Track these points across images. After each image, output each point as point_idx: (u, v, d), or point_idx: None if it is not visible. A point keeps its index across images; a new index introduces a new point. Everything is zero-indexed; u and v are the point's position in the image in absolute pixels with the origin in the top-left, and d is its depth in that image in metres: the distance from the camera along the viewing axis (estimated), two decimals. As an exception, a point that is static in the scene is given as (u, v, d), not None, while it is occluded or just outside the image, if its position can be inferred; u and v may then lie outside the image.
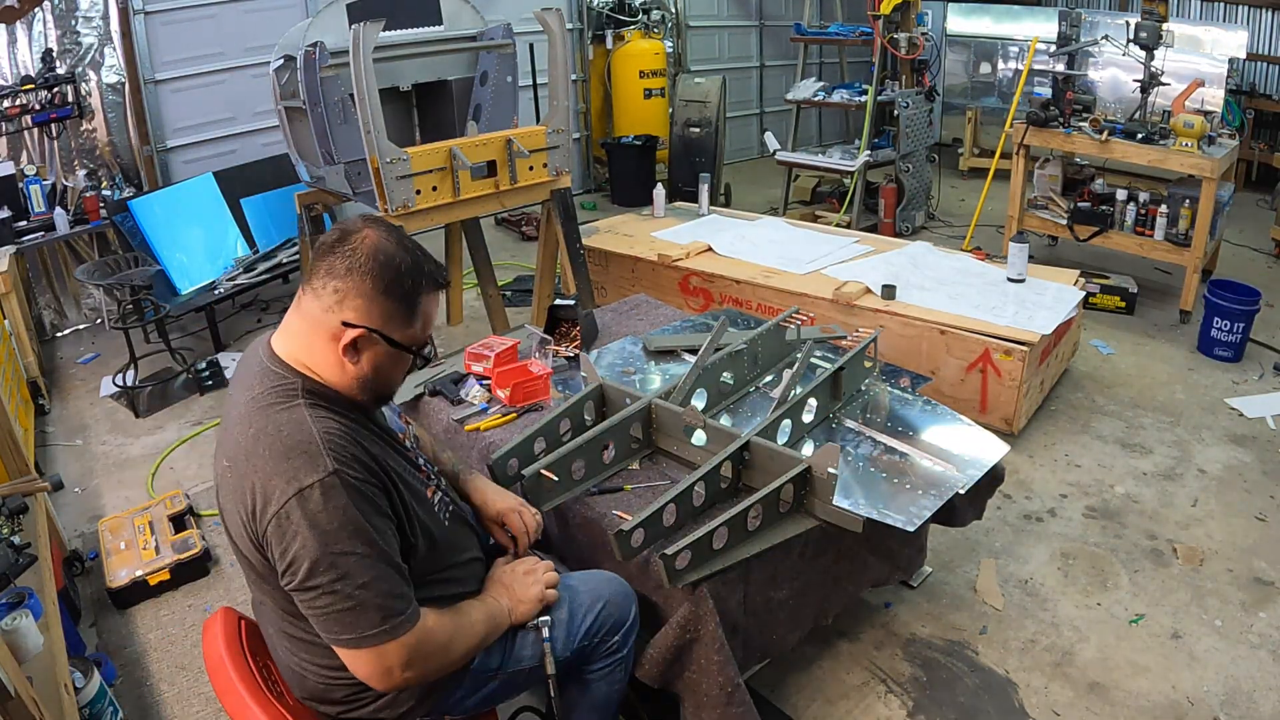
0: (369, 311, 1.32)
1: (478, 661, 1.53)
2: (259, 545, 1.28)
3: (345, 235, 1.34)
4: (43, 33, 4.67)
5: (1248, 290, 4.09)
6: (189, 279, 4.68)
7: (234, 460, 1.29)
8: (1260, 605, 2.55)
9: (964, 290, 3.71)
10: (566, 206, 3.67)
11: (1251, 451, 3.36)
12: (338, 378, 1.36)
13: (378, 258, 1.31)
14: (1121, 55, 4.77)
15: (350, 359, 1.34)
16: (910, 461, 2.07)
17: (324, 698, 1.45)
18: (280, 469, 1.24)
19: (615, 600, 1.70)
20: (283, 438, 1.26)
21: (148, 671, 2.43)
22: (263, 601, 1.45)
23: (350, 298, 1.31)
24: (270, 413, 1.30)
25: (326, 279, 1.32)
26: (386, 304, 1.33)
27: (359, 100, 2.99)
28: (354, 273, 1.31)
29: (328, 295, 1.32)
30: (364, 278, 1.31)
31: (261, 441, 1.27)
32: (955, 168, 7.89)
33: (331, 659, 1.38)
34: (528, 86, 6.31)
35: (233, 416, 1.36)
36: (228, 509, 1.32)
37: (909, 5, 5.75)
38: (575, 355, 2.58)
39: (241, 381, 1.41)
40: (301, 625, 1.37)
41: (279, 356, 1.37)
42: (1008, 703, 2.24)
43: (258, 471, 1.25)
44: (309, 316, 1.35)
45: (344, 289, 1.31)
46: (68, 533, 3.03)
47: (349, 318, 1.32)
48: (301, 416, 1.29)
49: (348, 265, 1.31)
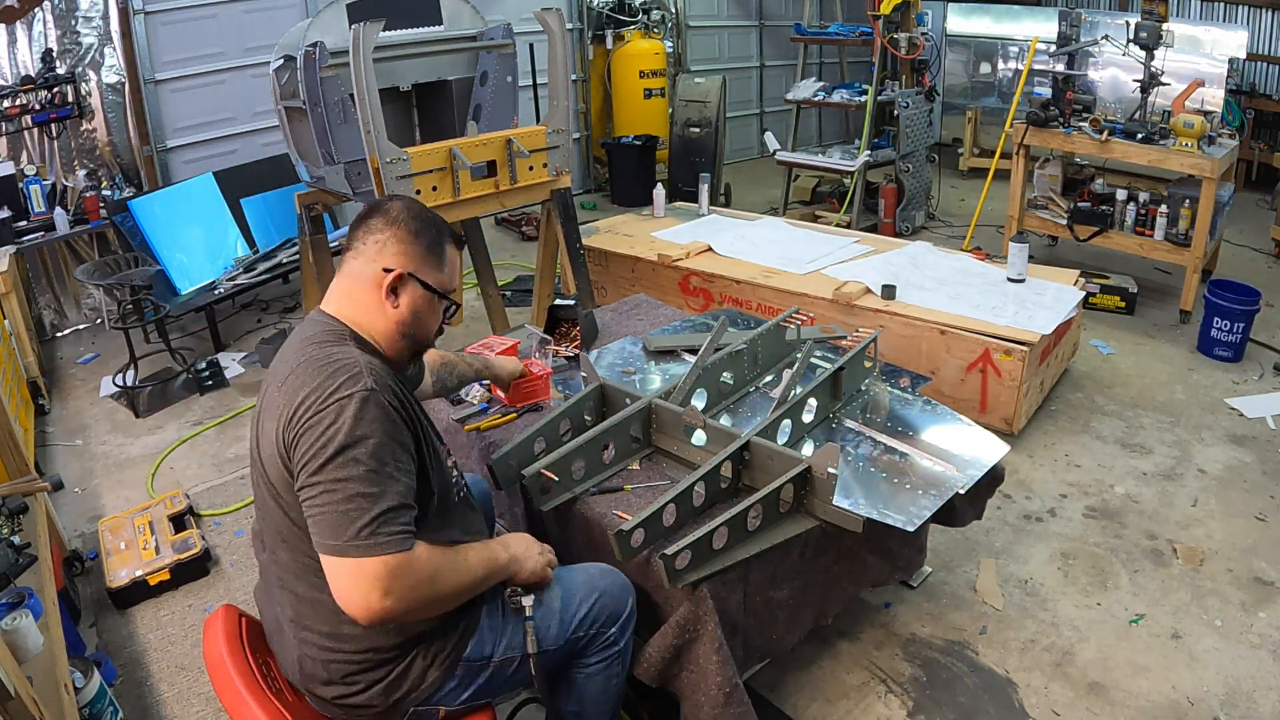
0: (406, 256, 1.50)
1: (471, 649, 1.53)
2: (287, 450, 1.35)
3: (379, 204, 1.55)
4: (43, 33, 4.68)
5: (1248, 290, 4.09)
6: (189, 279, 4.68)
7: (284, 382, 1.40)
8: (1260, 605, 2.56)
9: (964, 290, 3.71)
10: (566, 206, 3.67)
11: (1251, 451, 3.36)
12: (380, 324, 1.51)
13: (409, 210, 1.54)
14: (1121, 55, 4.77)
15: (391, 302, 1.50)
16: (910, 461, 2.07)
17: (323, 677, 1.46)
18: (324, 382, 1.35)
19: (611, 592, 1.71)
20: (331, 360, 1.39)
21: (148, 671, 2.43)
22: (274, 550, 1.48)
23: (389, 244, 1.50)
24: (322, 346, 1.43)
25: (366, 235, 1.52)
26: (418, 248, 1.51)
27: (359, 100, 2.99)
28: (391, 224, 1.51)
29: (370, 248, 1.51)
30: (399, 226, 1.51)
31: (311, 364, 1.39)
32: (955, 168, 7.90)
33: (332, 622, 1.42)
34: (528, 86, 6.31)
35: (282, 356, 1.49)
36: (265, 428, 1.40)
37: (909, 5, 5.75)
38: (575, 355, 2.58)
39: (293, 340, 1.53)
40: (308, 578, 1.42)
41: (327, 312, 1.53)
42: (1008, 703, 2.24)
43: (304, 384, 1.37)
44: (351, 273, 1.52)
45: (383, 239, 1.50)
46: (68, 533, 3.03)
47: (389, 263, 1.50)
48: (350, 350, 1.43)
49: (384, 220, 1.51)
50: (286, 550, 1.45)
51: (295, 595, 1.47)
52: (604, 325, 2.95)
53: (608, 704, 1.74)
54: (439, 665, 1.50)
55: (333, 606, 1.35)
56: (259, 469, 1.45)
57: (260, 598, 1.64)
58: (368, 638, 1.44)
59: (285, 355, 1.48)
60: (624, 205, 6.86)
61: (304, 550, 1.39)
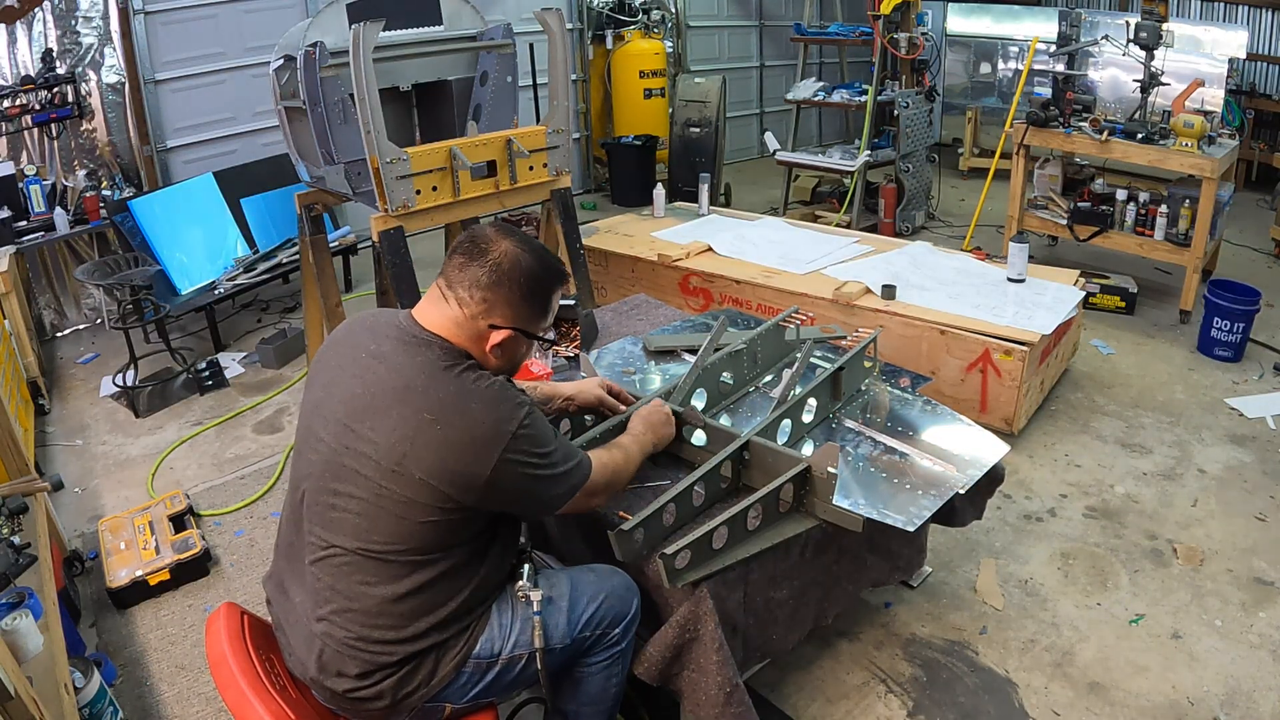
0: (514, 317, 1.51)
1: (480, 646, 1.56)
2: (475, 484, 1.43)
3: (483, 247, 1.50)
4: (43, 33, 4.67)
5: (1248, 290, 4.09)
6: (189, 279, 4.68)
7: (439, 414, 1.42)
8: (1260, 605, 2.55)
9: (964, 290, 3.71)
10: (566, 206, 3.67)
11: (1251, 451, 3.36)
12: (479, 357, 1.53)
13: (519, 270, 1.50)
14: (1121, 55, 4.77)
15: (494, 355, 1.53)
16: (910, 461, 2.07)
17: (336, 670, 1.48)
18: (500, 413, 1.45)
19: (617, 593, 1.73)
20: (485, 389, 1.46)
21: (148, 671, 2.43)
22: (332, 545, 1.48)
23: (498, 306, 1.50)
24: (458, 373, 1.47)
25: (473, 290, 1.49)
26: (527, 308, 1.53)
27: (359, 100, 2.98)
28: (500, 285, 1.49)
29: (474, 305, 1.49)
30: (511, 289, 1.49)
31: (469, 397, 1.44)
32: (955, 168, 7.89)
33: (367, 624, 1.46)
34: (528, 86, 6.31)
35: (394, 371, 1.47)
36: (423, 457, 1.42)
37: (909, 5, 5.75)
38: (575, 355, 2.58)
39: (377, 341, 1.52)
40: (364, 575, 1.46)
41: (433, 331, 1.50)
42: (1008, 703, 2.24)
43: (478, 421, 1.43)
44: (453, 319, 1.51)
45: (491, 299, 1.49)
46: (68, 533, 3.03)
47: (496, 322, 1.50)
48: (483, 373, 1.49)
49: (493, 279, 1.48)
50: (358, 545, 1.46)
51: (336, 591, 1.48)
52: (604, 325, 2.95)
53: (607, 703, 1.75)
54: (450, 661, 1.53)
55: (373, 608, 1.46)
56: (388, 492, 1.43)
57: (273, 588, 1.64)
58: (395, 637, 1.47)
59: (400, 373, 1.47)
60: (624, 205, 6.86)
61: (383, 553, 1.45)
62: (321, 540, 1.50)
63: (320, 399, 1.55)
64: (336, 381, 1.53)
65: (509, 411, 1.46)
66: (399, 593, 1.46)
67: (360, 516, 1.45)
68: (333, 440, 1.48)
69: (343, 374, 1.53)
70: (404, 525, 1.44)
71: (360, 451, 1.45)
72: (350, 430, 1.46)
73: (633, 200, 6.78)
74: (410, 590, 1.47)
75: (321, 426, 1.51)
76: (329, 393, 1.53)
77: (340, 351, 1.57)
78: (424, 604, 1.49)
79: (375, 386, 1.47)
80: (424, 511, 1.43)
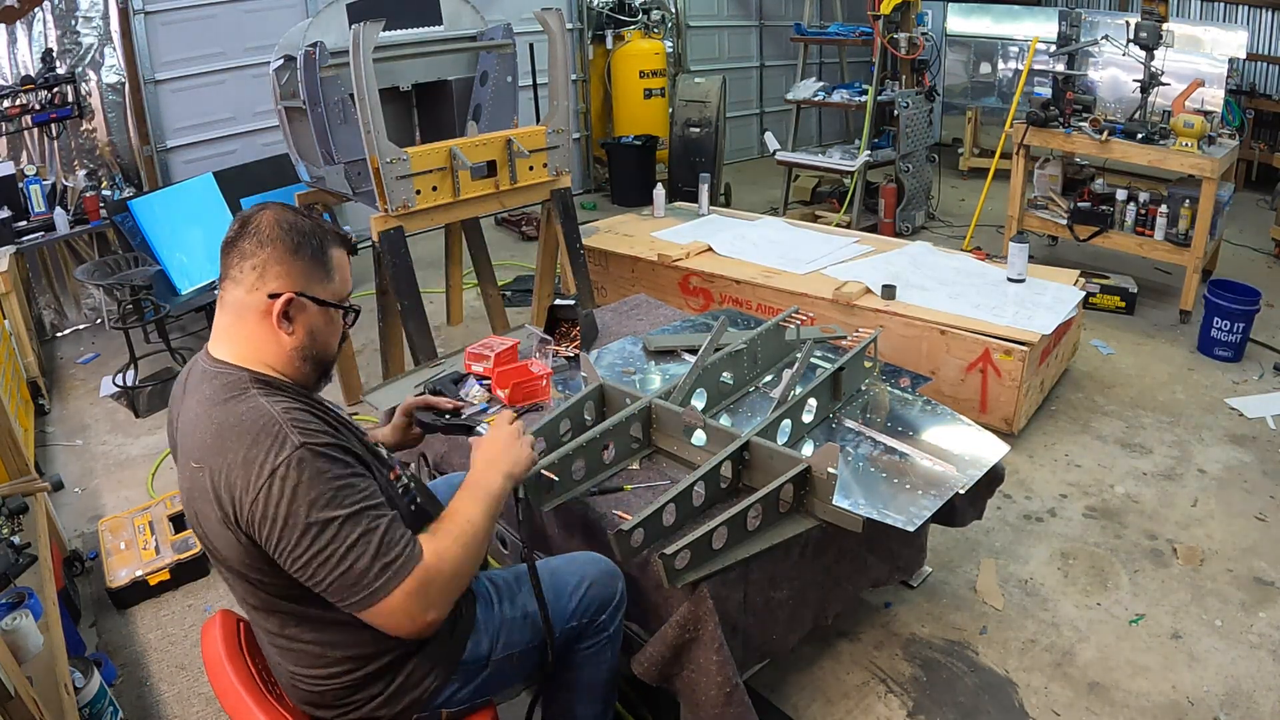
0: (290, 276, 1.37)
1: (469, 652, 1.54)
2: (244, 534, 1.27)
3: (245, 221, 1.39)
4: (43, 33, 4.67)
5: (1248, 290, 4.09)
6: (189, 279, 4.68)
7: (202, 459, 1.29)
8: (1260, 605, 2.55)
9: (964, 290, 3.71)
10: (566, 206, 3.67)
11: (1251, 451, 3.36)
12: (277, 355, 1.39)
13: (281, 225, 1.38)
14: (1121, 55, 4.77)
15: (285, 329, 1.38)
16: (910, 461, 2.07)
17: (319, 703, 1.46)
18: (251, 455, 1.25)
19: (600, 580, 1.72)
20: (245, 425, 1.27)
21: (148, 671, 2.43)
22: (254, 607, 1.43)
23: (269, 268, 1.36)
24: (227, 406, 1.31)
25: (241, 261, 1.37)
26: (301, 264, 1.38)
27: (359, 100, 2.99)
28: (265, 245, 1.36)
29: (248, 276, 1.36)
30: (275, 245, 1.37)
31: (226, 434, 1.27)
32: (955, 168, 7.89)
33: (318, 664, 1.41)
34: (528, 86, 6.31)
35: (186, 421, 1.36)
36: (202, 511, 1.30)
37: (909, 5, 5.75)
38: (575, 355, 2.58)
39: (186, 393, 1.41)
40: (288, 632, 1.40)
41: (218, 359, 1.39)
42: (1008, 703, 2.24)
43: (229, 463, 1.26)
44: (234, 307, 1.38)
45: (260, 263, 1.36)
46: (68, 533, 3.03)
47: (273, 288, 1.36)
48: (257, 403, 1.30)
49: (257, 241, 1.37)
50: (259, 614, 1.43)
51: (277, 648, 1.45)
52: (604, 325, 2.95)
53: (600, 689, 1.76)
54: (437, 673, 1.50)
55: (314, 650, 1.39)
56: (213, 550, 1.35)
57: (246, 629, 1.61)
58: (355, 662, 1.43)
59: (188, 423, 1.34)
60: (624, 205, 6.86)
61: (277, 610, 1.39)
62: (249, 613, 1.47)
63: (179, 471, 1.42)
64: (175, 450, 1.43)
65: (266, 448, 1.24)
66: (326, 631, 1.40)
67: (231, 580, 1.39)
68: (197, 531, 1.38)
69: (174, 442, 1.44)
70: (253, 574, 1.33)
71: (205, 541, 1.36)
72: (195, 520, 1.35)
73: (633, 200, 6.78)
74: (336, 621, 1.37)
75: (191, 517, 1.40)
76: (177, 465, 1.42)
77: (173, 402, 1.48)
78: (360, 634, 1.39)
79: (176, 446, 1.39)
80: (248, 561, 1.30)
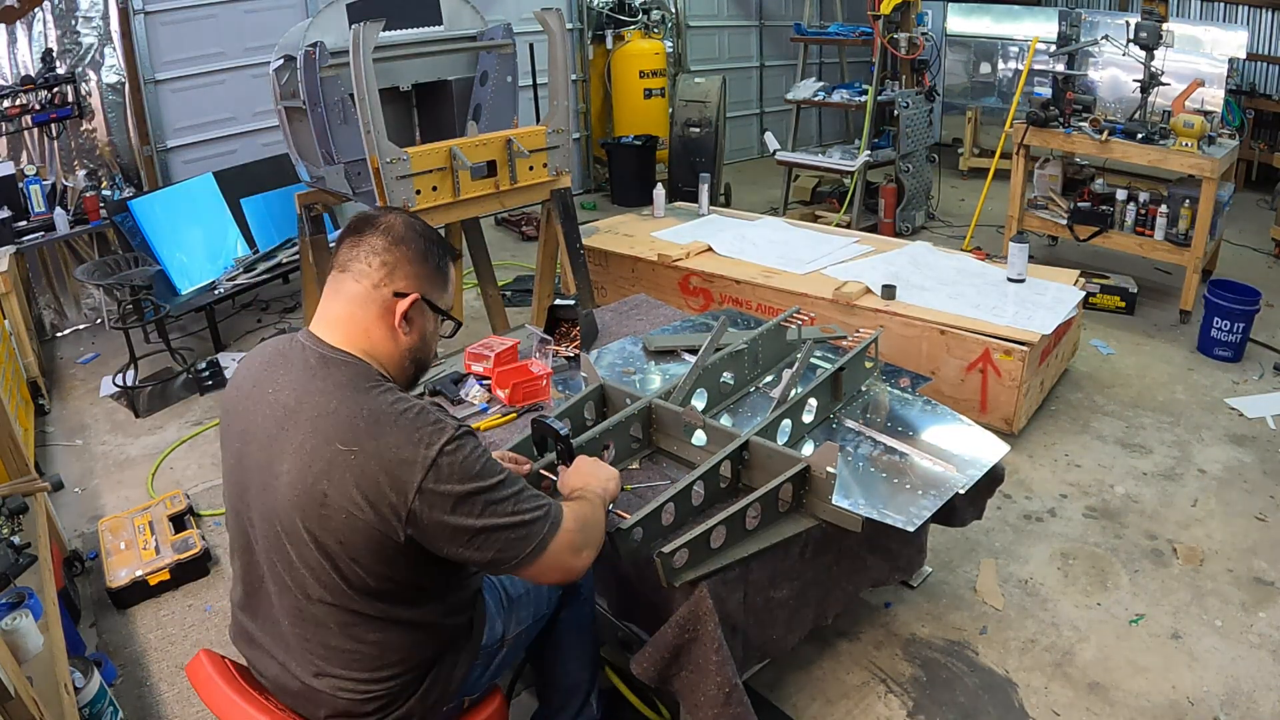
0: (417, 279, 1.41)
1: (486, 637, 1.59)
2: (399, 514, 1.27)
3: (371, 219, 1.42)
4: (43, 33, 4.67)
5: (1248, 290, 4.09)
6: (189, 279, 4.68)
7: (354, 443, 1.28)
8: (1260, 605, 2.55)
9: (964, 290, 3.71)
10: (566, 206, 3.67)
11: (1251, 451, 3.36)
12: (389, 354, 1.42)
13: (414, 228, 1.43)
14: (1121, 55, 4.77)
15: (403, 329, 1.41)
16: (910, 461, 2.07)
17: (356, 711, 1.42)
18: (417, 438, 1.29)
19: None
20: (401, 413, 1.31)
21: (148, 671, 2.43)
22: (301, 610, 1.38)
23: (400, 267, 1.39)
24: (373, 395, 1.33)
25: (371, 257, 1.39)
26: (428, 270, 1.42)
27: (359, 100, 2.99)
28: (398, 245, 1.40)
29: (376, 271, 1.39)
30: (408, 246, 1.40)
31: (383, 421, 1.30)
32: (955, 168, 7.89)
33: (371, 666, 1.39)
34: (528, 86, 6.31)
35: (310, 402, 1.33)
36: (339, 491, 1.28)
37: (909, 5, 5.75)
38: (575, 355, 2.58)
39: (289, 369, 1.38)
40: (351, 632, 1.37)
41: (336, 346, 1.38)
42: (1008, 703, 2.23)
43: (393, 446, 1.28)
44: (355, 298, 1.39)
45: (391, 261, 1.39)
46: (68, 533, 3.03)
47: (400, 287, 1.39)
48: (402, 395, 1.36)
49: (391, 239, 1.40)
50: (325, 608, 1.36)
51: (328, 648, 1.39)
52: (604, 325, 2.95)
53: (588, 646, 1.88)
54: (463, 663, 1.54)
55: (373, 652, 1.39)
56: (324, 533, 1.30)
57: (245, 645, 1.53)
58: (406, 664, 1.42)
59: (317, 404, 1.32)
60: (624, 205, 6.86)
61: (350, 606, 1.35)
62: (294, 602, 1.39)
63: (240, 452, 1.41)
64: (250, 429, 1.39)
65: (428, 435, 1.29)
66: (397, 631, 1.39)
67: (318, 570, 1.33)
68: (264, 494, 1.36)
69: (254, 418, 1.39)
70: (357, 570, 1.32)
71: (287, 499, 1.31)
72: (275, 477, 1.33)
73: (633, 200, 6.78)
74: (409, 623, 1.40)
75: (252, 482, 1.39)
76: (247, 444, 1.40)
77: (245, 394, 1.43)
78: (424, 635, 1.43)
79: (286, 421, 1.34)
80: (366, 554, 1.31)
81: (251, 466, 1.38)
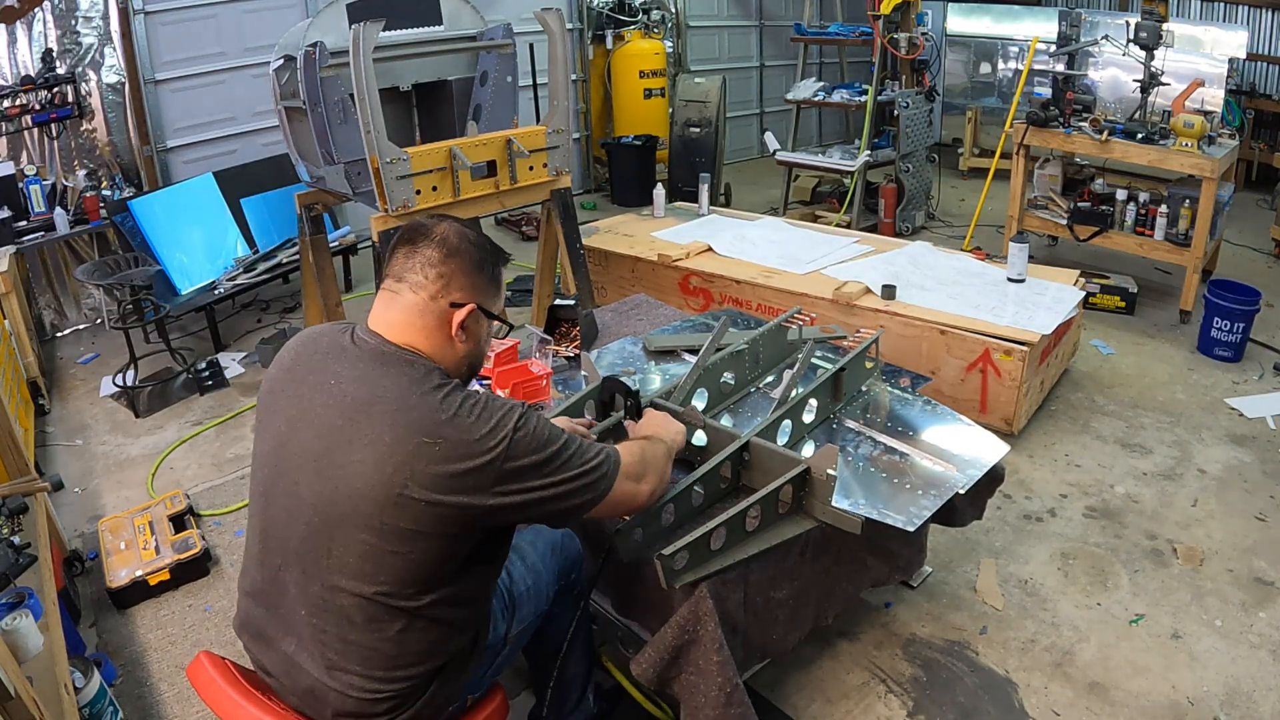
0: (472, 289, 1.45)
1: (491, 636, 1.61)
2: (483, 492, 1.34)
3: (424, 229, 1.46)
4: (43, 33, 4.67)
5: (1248, 290, 4.09)
6: (189, 279, 4.68)
7: (434, 433, 1.33)
8: (1260, 605, 2.56)
9: (964, 290, 3.71)
10: (566, 206, 3.67)
11: (1251, 451, 3.36)
12: (448, 357, 1.46)
13: (468, 239, 1.47)
14: (1121, 55, 4.77)
15: (460, 338, 1.46)
16: (910, 462, 2.07)
17: (366, 712, 1.42)
18: (497, 425, 1.36)
19: (563, 541, 1.87)
20: (474, 404, 1.37)
21: (148, 671, 2.43)
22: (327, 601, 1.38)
23: (455, 279, 1.44)
24: (444, 390, 1.38)
25: (427, 269, 1.43)
26: (483, 279, 1.47)
27: (359, 100, 2.99)
28: (452, 256, 1.44)
29: (432, 283, 1.43)
30: (462, 258, 1.44)
31: (461, 413, 1.35)
32: (955, 168, 7.89)
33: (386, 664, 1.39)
34: (528, 86, 6.31)
35: (391, 399, 1.36)
36: (417, 477, 1.31)
37: (909, 5, 5.75)
38: (575, 355, 2.58)
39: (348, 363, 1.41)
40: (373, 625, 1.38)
41: (399, 344, 1.42)
42: (1008, 703, 2.24)
43: (474, 434, 1.34)
44: (411, 308, 1.43)
45: (447, 273, 1.43)
46: (68, 533, 3.03)
47: (456, 298, 1.44)
48: (468, 390, 1.42)
49: (445, 251, 1.43)
50: (353, 600, 1.36)
51: (348, 642, 1.39)
52: (604, 325, 2.95)
53: (585, 644, 1.92)
54: (471, 665, 1.55)
55: (391, 650, 1.39)
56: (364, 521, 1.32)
57: (250, 638, 1.53)
58: (419, 667, 1.42)
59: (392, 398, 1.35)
60: (624, 205, 6.86)
61: (381, 598, 1.35)
62: (319, 591, 1.38)
63: (284, 436, 1.42)
64: (304, 415, 1.40)
65: (500, 418, 1.37)
66: (418, 627, 1.40)
67: (363, 559, 1.34)
68: (315, 481, 1.36)
69: (309, 405, 1.40)
70: (412, 558, 1.34)
71: (353, 488, 1.32)
72: (337, 466, 1.34)
73: (633, 200, 6.77)
74: (431, 619, 1.41)
75: (296, 467, 1.39)
76: (295, 429, 1.40)
77: (297, 380, 1.44)
78: (442, 634, 1.44)
79: (356, 413, 1.35)
80: (433, 539, 1.34)
81: (299, 452, 1.39)
